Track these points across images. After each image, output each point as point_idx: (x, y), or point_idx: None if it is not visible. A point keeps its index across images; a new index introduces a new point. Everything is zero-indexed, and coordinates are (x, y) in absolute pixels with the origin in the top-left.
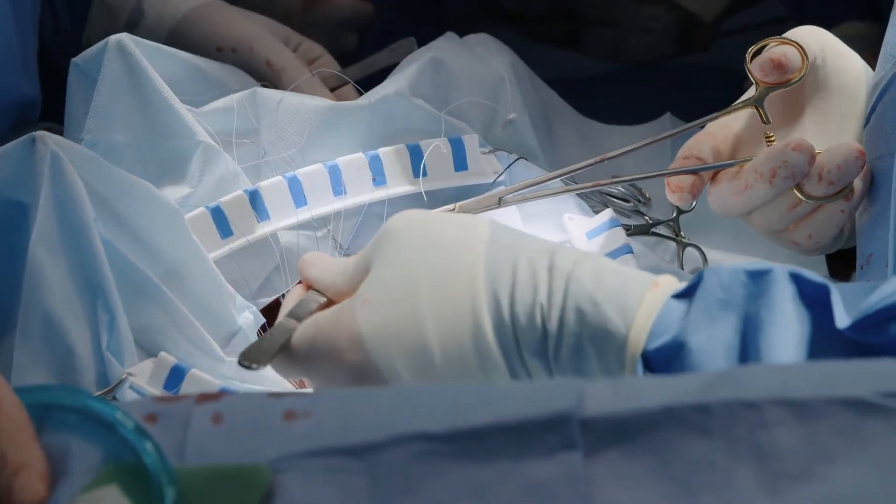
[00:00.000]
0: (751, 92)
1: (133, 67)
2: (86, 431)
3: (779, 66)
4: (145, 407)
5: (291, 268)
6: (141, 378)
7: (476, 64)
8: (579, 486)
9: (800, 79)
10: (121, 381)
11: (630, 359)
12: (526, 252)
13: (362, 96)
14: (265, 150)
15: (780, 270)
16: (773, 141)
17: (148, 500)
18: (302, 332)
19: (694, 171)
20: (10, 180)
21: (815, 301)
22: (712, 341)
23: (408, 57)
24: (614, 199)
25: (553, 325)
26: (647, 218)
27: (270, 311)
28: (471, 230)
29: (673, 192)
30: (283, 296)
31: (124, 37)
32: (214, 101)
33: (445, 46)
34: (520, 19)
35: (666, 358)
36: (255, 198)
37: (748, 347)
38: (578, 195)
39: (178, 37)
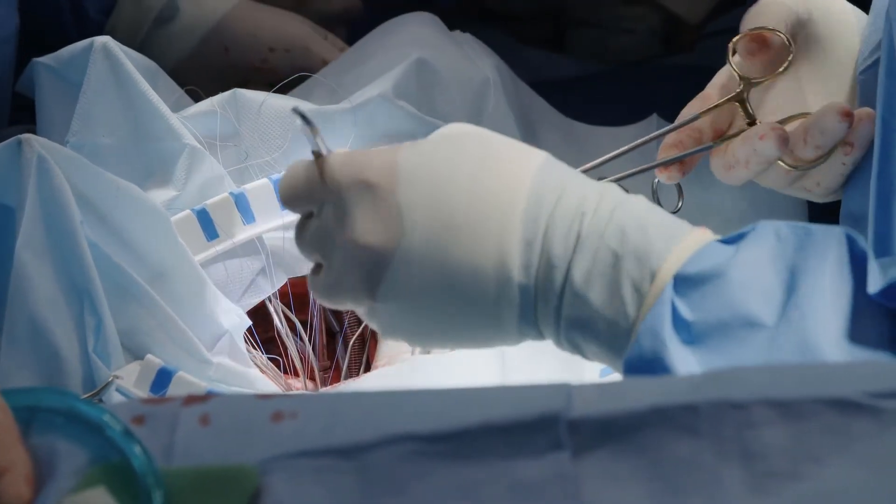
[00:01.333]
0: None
1: (118, 70)
2: (73, 433)
3: (760, 39)
4: (133, 409)
5: (277, 270)
6: (128, 381)
7: (462, 65)
8: (567, 486)
9: (784, 69)
10: (107, 384)
11: (662, 277)
12: (579, 179)
13: (346, 100)
14: (247, 153)
15: (837, 231)
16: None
17: (135, 502)
18: (342, 150)
19: (678, 160)
20: None
21: (862, 263)
22: (754, 280)
23: (394, 55)
24: None
25: (591, 235)
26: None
27: (256, 314)
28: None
29: (660, 171)
30: (270, 298)
31: (109, 39)
32: (196, 104)
33: (431, 42)
34: (505, 20)
35: (700, 284)
36: (240, 200)
37: (790, 295)
38: None
39: (218, 36)
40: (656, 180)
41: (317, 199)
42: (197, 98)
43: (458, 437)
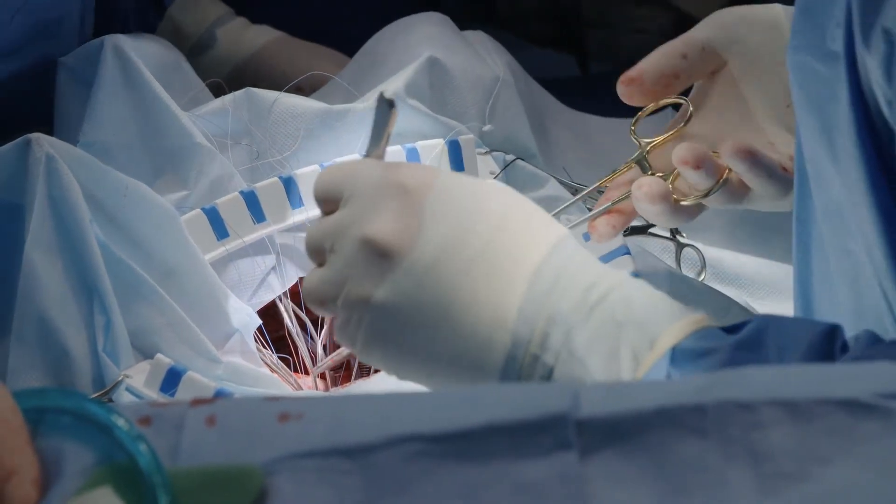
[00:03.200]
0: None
1: (129, 69)
2: (80, 433)
3: (630, 82)
4: (139, 410)
5: (287, 269)
6: (137, 380)
7: (473, 64)
8: (573, 486)
9: (684, 125)
10: (117, 384)
11: (660, 347)
12: (593, 258)
13: (358, 99)
14: (258, 152)
15: (823, 325)
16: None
17: (141, 502)
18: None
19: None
20: (4, 182)
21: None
22: (746, 362)
23: (405, 55)
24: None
25: (599, 304)
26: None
27: (267, 313)
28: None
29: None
30: (280, 298)
31: (120, 38)
32: (209, 103)
33: (443, 41)
34: (514, 20)
35: (696, 359)
36: (251, 199)
37: None
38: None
39: (250, 69)
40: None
41: (349, 190)
42: (220, 91)
43: (464, 438)
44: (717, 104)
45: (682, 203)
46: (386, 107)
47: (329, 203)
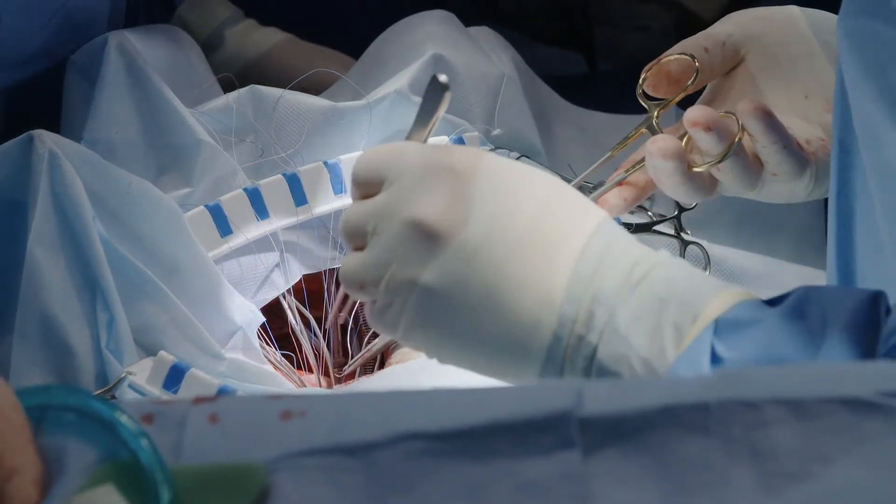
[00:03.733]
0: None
1: (133, 66)
2: (83, 430)
3: (656, 74)
4: (142, 407)
5: (291, 266)
6: (140, 377)
7: (478, 61)
8: (576, 485)
9: (692, 82)
10: (120, 380)
11: (703, 320)
12: (633, 238)
13: (363, 98)
14: (263, 149)
15: (869, 292)
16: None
17: (144, 499)
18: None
19: (602, 192)
20: (7, 179)
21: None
22: (790, 331)
23: (410, 53)
24: None
25: (642, 282)
26: (649, 214)
27: (271, 310)
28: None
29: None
30: (284, 295)
31: (124, 35)
32: (213, 100)
33: (448, 39)
34: (517, 18)
35: (739, 329)
36: (254, 196)
37: (820, 347)
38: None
39: (255, 71)
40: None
41: (394, 172)
42: (231, 86)
43: (467, 436)
44: (735, 99)
45: (695, 169)
46: (439, 90)
47: (370, 185)
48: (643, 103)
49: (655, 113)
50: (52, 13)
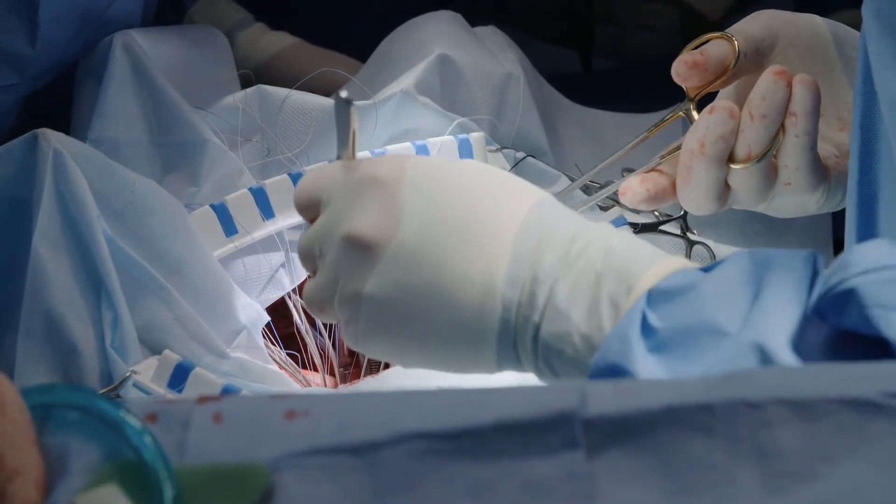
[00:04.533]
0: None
1: (138, 66)
2: (87, 429)
3: (693, 66)
4: (146, 406)
5: (297, 266)
6: (145, 376)
7: (484, 61)
8: (581, 485)
9: (734, 67)
10: (125, 379)
11: (637, 291)
12: (574, 214)
13: (370, 98)
14: (269, 149)
15: (806, 252)
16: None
17: (147, 498)
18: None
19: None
20: (12, 177)
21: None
22: (722, 295)
23: (417, 53)
24: None
25: (580, 257)
26: (655, 214)
27: (276, 310)
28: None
29: (622, 193)
30: (289, 294)
31: (129, 36)
32: (220, 100)
33: (454, 39)
34: (523, 17)
35: (672, 298)
36: (260, 196)
37: (753, 307)
38: (586, 193)
39: (264, 74)
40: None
41: (326, 194)
42: (248, 82)
43: (471, 436)
44: None
45: (734, 167)
46: (344, 105)
47: (310, 210)
48: (683, 86)
49: (693, 96)
50: (86, 21)
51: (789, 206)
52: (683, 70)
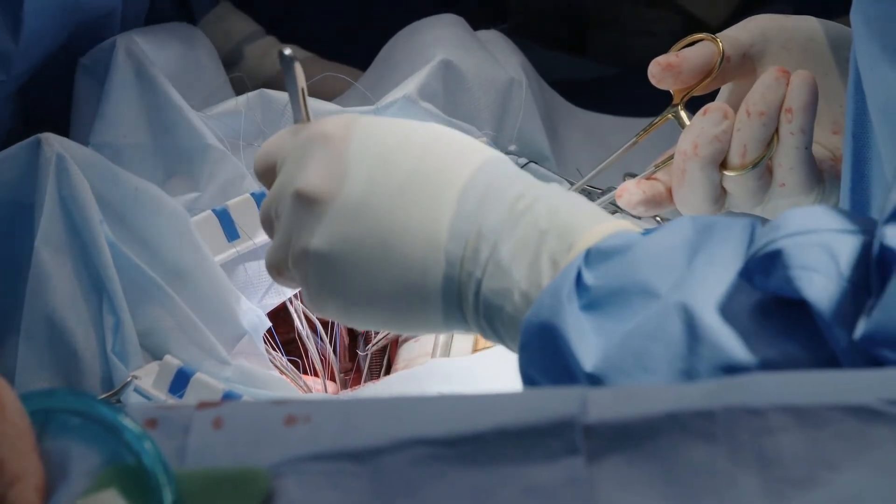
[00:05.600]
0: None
1: (141, 70)
2: (87, 434)
3: (667, 67)
4: (146, 412)
5: None
6: (146, 381)
7: (487, 66)
8: (581, 491)
9: (718, 68)
10: (126, 384)
11: (577, 250)
12: (525, 174)
13: (373, 103)
14: None
15: (747, 219)
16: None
17: (147, 502)
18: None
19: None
20: (15, 182)
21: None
22: (658, 256)
23: (419, 57)
24: None
25: (524, 214)
26: (657, 219)
27: (277, 315)
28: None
29: (619, 196)
30: (291, 300)
31: (133, 39)
32: (222, 103)
33: (456, 43)
34: (525, 22)
35: (608, 257)
36: (262, 200)
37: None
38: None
39: (275, 88)
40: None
41: (280, 156)
42: (243, 86)
43: (472, 442)
44: None
45: (727, 174)
46: (289, 63)
47: (269, 176)
48: (657, 86)
49: (680, 98)
50: (69, 13)
51: (785, 208)
52: (657, 71)
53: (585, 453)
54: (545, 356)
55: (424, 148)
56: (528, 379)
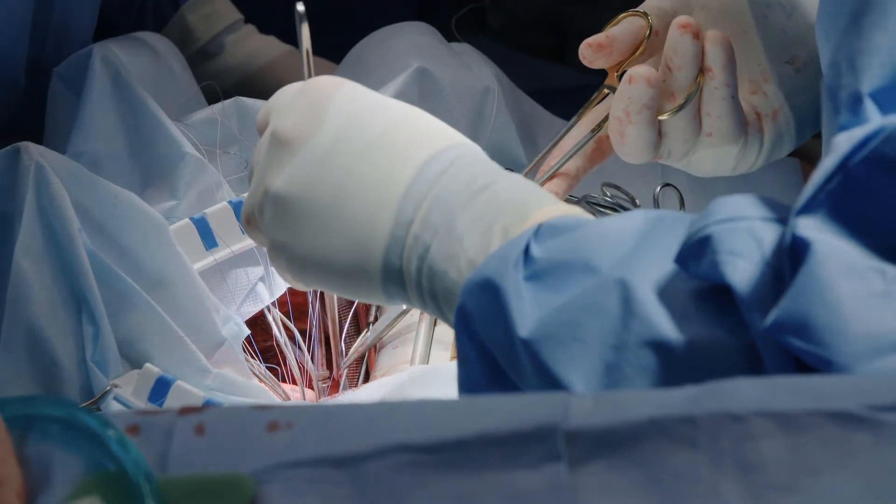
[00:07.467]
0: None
1: (118, 79)
2: (68, 441)
3: (598, 48)
4: (128, 418)
5: (276, 279)
6: (126, 389)
7: (462, 74)
8: (564, 497)
9: (647, 40)
10: (105, 393)
11: (529, 224)
12: (490, 164)
13: None
14: (247, 161)
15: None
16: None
17: None
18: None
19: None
20: None
21: None
22: (605, 237)
23: (394, 65)
24: (603, 209)
25: (487, 188)
26: (637, 204)
27: (255, 323)
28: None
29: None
30: (269, 308)
31: (109, 47)
32: (198, 112)
33: (431, 52)
34: (506, 30)
35: (558, 233)
36: (239, 209)
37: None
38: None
39: (257, 83)
40: (658, 189)
41: (274, 107)
42: (215, 95)
43: (455, 448)
44: None
45: (661, 118)
46: (299, 21)
47: (264, 129)
48: (590, 66)
49: (614, 74)
50: (35, 19)
51: (707, 161)
52: (588, 53)
53: (568, 459)
54: (482, 317)
55: (400, 118)
56: (462, 345)
